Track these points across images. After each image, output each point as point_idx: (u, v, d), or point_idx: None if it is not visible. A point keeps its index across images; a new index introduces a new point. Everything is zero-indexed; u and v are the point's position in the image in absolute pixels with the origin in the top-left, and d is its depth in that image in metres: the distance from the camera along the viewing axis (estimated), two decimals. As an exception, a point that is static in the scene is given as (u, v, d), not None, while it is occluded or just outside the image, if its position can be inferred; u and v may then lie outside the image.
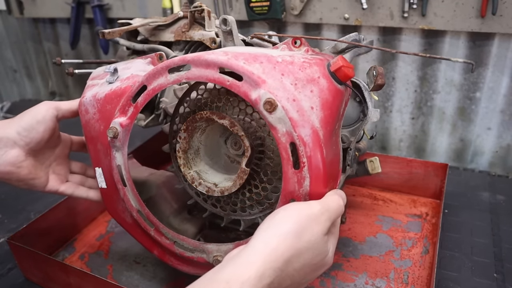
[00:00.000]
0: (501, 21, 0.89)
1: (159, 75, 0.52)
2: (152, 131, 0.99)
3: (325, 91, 0.50)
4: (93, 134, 0.60)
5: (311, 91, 0.49)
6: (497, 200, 0.89)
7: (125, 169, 0.57)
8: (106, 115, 0.58)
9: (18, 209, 0.93)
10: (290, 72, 0.49)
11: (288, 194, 0.48)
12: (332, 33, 1.10)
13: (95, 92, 0.60)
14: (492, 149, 1.05)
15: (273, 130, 0.46)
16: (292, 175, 0.47)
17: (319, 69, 0.51)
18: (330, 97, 0.50)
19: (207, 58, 0.48)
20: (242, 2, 1.12)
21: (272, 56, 0.51)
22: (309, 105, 0.47)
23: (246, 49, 0.54)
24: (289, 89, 0.47)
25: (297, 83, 0.48)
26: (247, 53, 0.50)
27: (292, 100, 0.46)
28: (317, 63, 0.52)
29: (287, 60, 0.50)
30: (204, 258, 0.56)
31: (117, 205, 0.62)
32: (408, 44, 1.03)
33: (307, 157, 0.46)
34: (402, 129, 1.13)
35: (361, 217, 0.86)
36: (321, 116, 0.48)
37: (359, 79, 0.63)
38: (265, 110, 0.45)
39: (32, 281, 0.73)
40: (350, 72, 0.51)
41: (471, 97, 1.02)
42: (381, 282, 0.69)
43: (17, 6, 1.55)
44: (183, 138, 0.56)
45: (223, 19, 0.63)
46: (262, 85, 0.46)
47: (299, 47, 0.58)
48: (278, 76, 0.48)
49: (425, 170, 0.90)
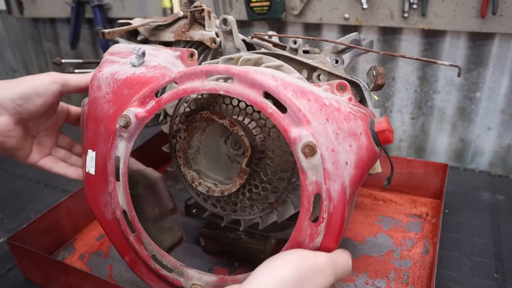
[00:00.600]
0: (501, 21, 0.89)
1: (196, 78, 0.48)
2: (152, 131, 0.99)
3: (363, 150, 0.47)
4: (98, 114, 0.54)
5: (350, 146, 0.46)
6: (497, 200, 0.89)
7: (124, 163, 0.52)
8: (121, 99, 0.53)
9: (18, 209, 0.93)
10: (335, 119, 0.46)
11: (296, 244, 0.45)
12: (332, 33, 1.10)
13: (114, 70, 0.55)
14: (492, 149, 1.05)
15: (302, 175, 0.43)
16: (306, 227, 0.44)
17: (362, 125, 0.48)
18: (365, 157, 0.47)
19: (255, 77, 0.45)
20: (242, 2, 1.12)
21: (320, 96, 0.48)
22: (345, 160, 0.44)
23: (295, 80, 0.51)
24: (330, 137, 0.44)
25: (339, 133, 0.45)
26: (296, 85, 0.47)
27: (331, 150, 0.43)
28: (361, 118, 0.49)
29: (334, 106, 0.47)
30: (181, 282, 0.52)
31: (100, 197, 0.56)
32: (408, 44, 1.03)
33: (328, 213, 0.43)
34: (402, 129, 1.13)
35: (361, 217, 0.86)
36: (352, 174, 0.45)
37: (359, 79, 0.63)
38: (302, 153, 0.42)
39: (32, 281, 0.73)
40: (391, 137, 0.49)
41: (471, 97, 1.02)
42: (381, 282, 0.69)
43: (17, 6, 1.55)
44: (183, 138, 0.56)
45: (223, 19, 0.63)
46: (306, 125, 0.43)
47: (343, 93, 0.53)
48: (323, 120, 0.45)
49: (425, 170, 0.90)
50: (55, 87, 0.55)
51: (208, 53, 0.74)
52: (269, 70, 0.52)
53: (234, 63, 0.59)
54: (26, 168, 1.10)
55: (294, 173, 0.54)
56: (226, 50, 0.66)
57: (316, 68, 0.61)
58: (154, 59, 0.57)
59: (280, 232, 0.67)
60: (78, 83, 0.57)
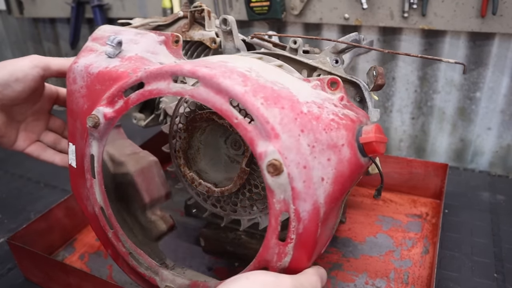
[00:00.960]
0: (501, 21, 0.89)
1: (161, 79, 0.45)
2: (152, 131, 0.99)
3: (344, 163, 0.43)
4: (74, 108, 0.52)
5: (328, 160, 0.41)
6: (497, 200, 0.89)
7: (98, 161, 0.50)
8: (93, 95, 0.50)
9: (18, 209, 0.93)
10: (312, 130, 0.41)
11: (262, 261, 0.42)
12: (332, 33, 1.10)
13: (89, 62, 0.51)
14: (492, 149, 1.05)
15: (269, 192, 0.39)
16: (274, 245, 0.41)
17: (346, 135, 0.44)
18: (347, 171, 0.43)
19: (220, 82, 0.40)
20: (242, 2, 1.12)
21: (298, 102, 0.43)
22: (320, 176, 0.40)
23: (274, 78, 0.45)
24: (303, 152, 0.40)
25: (316, 146, 0.41)
26: (270, 89, 0.42)
27: (302, 167, 0.39)
28: (346, 126, 0.44)
29: (314, 113, 0.43)
30: (156, 281, 0.51)
31: (82, 190, 0.55)
32: (408, 44, 1.03)
33: (297, 234, 0.40)
34: (402, 129, 1.13)
35: (361, 217, 0.86)
36: (329, 191, 0.41)
37: (359, 79, 0.63)
38: (267, 171, 0.39)
39: (32, 281, 0.73)
40: (380, 148, 0.45)
41: (471, 97, 1.02)
42: (381, 282, 0.69)
43: (17, 6, 1.55)
44: (183, 138, 0.56)
45: (223, 19, 0.63)
46: (274, 140, 0.39)
47: (334, 90, 0.49)
48: (296, 131, 0.40)
49: (425, 170, 0.90)
50: (36, 72, 0.52)
51: (208, 53, 0.74)
52: (250, 64, 0.48)
53: (234, 63, 0.59)
54: (26, 168, 1.11)
55: (294, 173, 0.54)
56: (226, 50, 0.66)
57: (316, 68, 0.61)
58: (133, 47, 0.53)
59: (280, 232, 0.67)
60: (61, 67, 0.54)
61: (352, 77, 0.61)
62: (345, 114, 0.46)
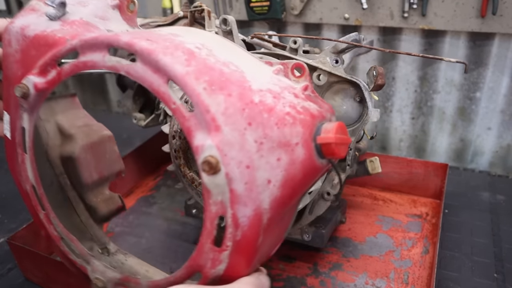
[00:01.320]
0: (501, 21, 0.89)
1: (96, 50, 0.38)
2: (152, 131, 0.99)
3: (297, 165, 0.37)
4: (9, 73, 0.46)
5: (278, 159, 0.36)
6: (497, 200, 0.89)
7: (29, 136, 0.45)
8: (28, 61, 0.44)
9: (18, 209, 0.93)
10: (262, 124, 0.35)
11: (195, 266, 0.37)
12: (332, 33, 1.10)
13: (26, 23, 0.45)
14: (492, 149, 1.05)
15: (205, 192, 0.34)
16: (208, 250, 0.36)
17: (302, 132, 0.38)
18: (299, 174, 0.38)
19: (159, 60, 0.35)
20: (242, 2, 1.12)
21: (250, 88, 0.37)
22: (267, 178, 0.35)
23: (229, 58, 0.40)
24: (248, 150, 0.34)
25: (264, 143, 0.35)
26: (219, 71, 0.37)
27: (245, 167, 0.34)
28: (303, 122, 0.38)
29: (266, 104, 0.37)
30: (88, 271, 0.48)
31: (16, 164, 0.50)
32: (408, 44, 1.03)
33: (233, 241, 0.35)
34: (402, 129, 1.13)
35: (361, 217, 0.86)
36: (276, 195, 0.36)
37: (359, 79, 0.63)
38: (202, 169, 0.33)
39: (32, 281, 0.73)
40: (340, 151, 0.39)
41: (471, 97, 1.02)
42: (381, 282, 0.69)
43: (17, 6, 1.55)
44: (183, 138, 0.56)
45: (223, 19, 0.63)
46: (213, 133, 0.33)
47: (299, 78, 0.44)
48: (242, 124, 0.34)
49: (425, 170, 0.90)
50: None
51: (208, 53, 0.74)
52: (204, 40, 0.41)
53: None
54: (26, 168, 1.11)
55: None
56: (226, 50, 0.66)
57: (316, 68, 0.61)
58: (80, 10, 0.47)
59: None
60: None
61: (352, 77, 0.61)
62: (305, 107, 0.40)
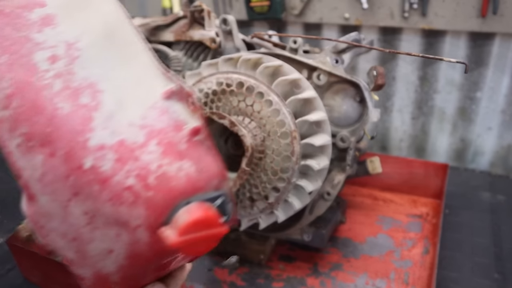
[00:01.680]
0: (502, 20, 0.89)
1: None
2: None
3: (142, 246, 0.31)
4: None
5: (117, 235, 0.30)
6: (497, 200, 0.89)
7: None
8: None
9: (18, 209, 0.93)
10: (92, 197, 0.28)
11: None
12: (332, 33, 1.10)
13: None
14: (493, 149, 1.05)
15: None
16: None
17: (144, 216, 0.29)
18: (149, 254, 0.31)
19: None
20: (242, 2, 1.11)
21: (85, 144, 0.27)
22: (106, 248, 0.30)
23: (95, 71, 0.29)
24: (73, 223, 0.29)
25: (96, 217, 0.29)
26: (51, 112, 0.27)
27: (71, 239, 0.30)
28: (149, 203, 0.29)
29: (99, 173, 0.28)
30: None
31: None
32: (409, 44, 1.03)
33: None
34: (403, 129, 1.13)
35: (361, 217, 0.86)
36: (122, 263, 0.31)
37: (359, 79, 0.63)
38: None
39: (31, 281, 0.73)
40: (192, 251, 0.29)
41: (472, 97, 1.02)
42: (381, 283, 0.69)
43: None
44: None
45: (223, 18, 0.63)
46: (29, 202, 0.29)
47: (194, 111, 0.33)
48: (65, 195, 0.28)
49: (426, 170, 0.90)
50: None
51: (208, 53, 0.74)
52: (85, 27, 0.31)
53: (234, 63, 0.59)
54: (26, 168, 1.10)
55: (294, 174, 0.54)
56: (226, 50, 0.66)
57: (316, 68, 0.61)
58: None
59: (280, 232, 0.67)
60: None
61: (352, 77, 0.61)
62: (165, 175, 0.29)
